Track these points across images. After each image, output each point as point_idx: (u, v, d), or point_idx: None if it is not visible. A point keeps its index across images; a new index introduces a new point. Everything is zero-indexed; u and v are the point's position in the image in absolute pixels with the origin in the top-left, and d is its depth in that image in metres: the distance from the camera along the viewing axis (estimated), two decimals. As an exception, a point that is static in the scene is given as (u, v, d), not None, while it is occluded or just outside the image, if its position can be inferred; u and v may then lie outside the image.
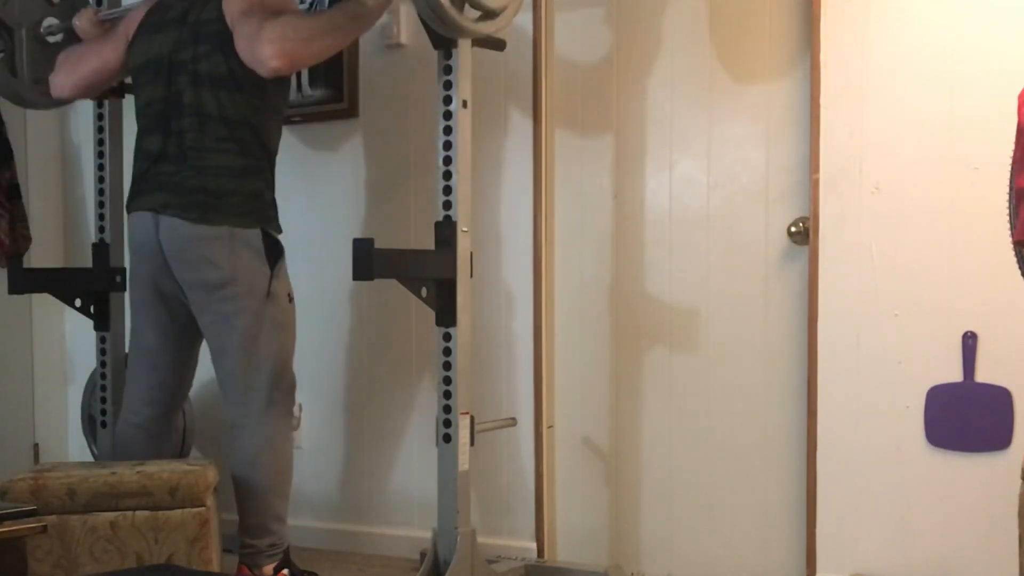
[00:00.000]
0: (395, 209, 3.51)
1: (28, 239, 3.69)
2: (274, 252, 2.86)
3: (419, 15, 2.57)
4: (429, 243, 2.78)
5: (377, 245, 2.52)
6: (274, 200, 2.91)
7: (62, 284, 3.35)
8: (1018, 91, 2.23)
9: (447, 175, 2.74)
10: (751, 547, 3.05)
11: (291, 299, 2.93)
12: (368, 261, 2.51)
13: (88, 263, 3.44)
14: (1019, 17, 2.64)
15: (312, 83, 3.61)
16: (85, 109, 3.64)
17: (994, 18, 2.67)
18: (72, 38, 3.21)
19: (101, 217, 3.42)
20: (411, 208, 3.47)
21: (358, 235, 3.09)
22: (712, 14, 3.06)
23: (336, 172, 3.62)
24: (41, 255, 3.90)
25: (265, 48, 2.62)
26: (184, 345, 2.99)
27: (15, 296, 3.30)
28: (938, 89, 2.72)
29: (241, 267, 2.79)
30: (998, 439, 2.67)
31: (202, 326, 2.89)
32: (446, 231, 2.73)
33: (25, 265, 3.38)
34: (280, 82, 2.87)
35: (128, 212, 2.94)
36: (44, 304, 3.86)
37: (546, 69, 3.25)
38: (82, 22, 3.16)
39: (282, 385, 2.89)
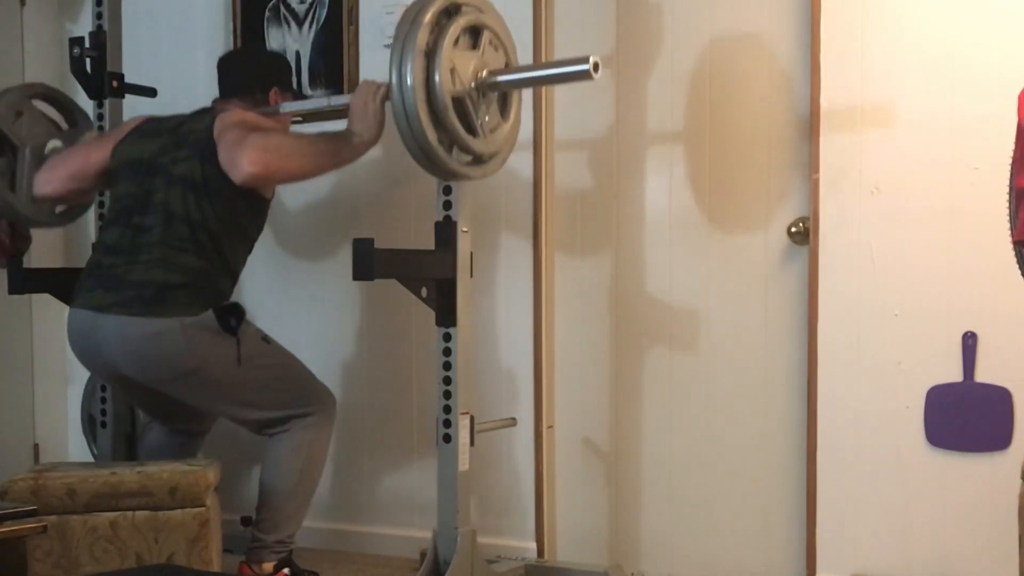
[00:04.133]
0: (395, 209, 3.51)
1: (28, 239, 3.68)
2: (234, 318, 2.79)
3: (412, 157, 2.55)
4: (429, 243, 2.78)
5: (377, 245, 2.52)
6: (225, 297, 2.85)
7: (62, 284, 3.34)
8: (1018, 91, 2.23)
9: (447, 175, 2.74)
10: (751, 547, 3.05)
11: (268, 340, 2.91)
12: (368, 261, 2.51)
13: (88, 263, 3.44)
14: (1019, 17, 2.64)
15: (312, 83, 3.62)
16: (85, 109, 3.63)
17: (994, 18, 2.67)
18: None
19: (101, 217, 3.41)
20: (411, 208, 3.47)
21: (358, 235, 3.09)
22: (712, 15, 3.06)
23: (336, 172, 3.61)
24: (41, 255, 3.90)
25: (245, 153, 2.62)
26: (170, 397, 2.90)
27: (15, 296, 3.30)
28: (938, 89, 2.73)
29: (204, 352, 2.73)
30: (998, 439, 2.67)
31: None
32: (446, 231, 2.73)
33: (25, 265, 3.38)
34: (253, 203, 2.85)
35: (71, 306, 2.88)
36: (44, 304, 3.85)
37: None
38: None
39: (311, 398, 2.93)
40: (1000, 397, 2.67)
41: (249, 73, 3.03)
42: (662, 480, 3.17)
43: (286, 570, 2.95)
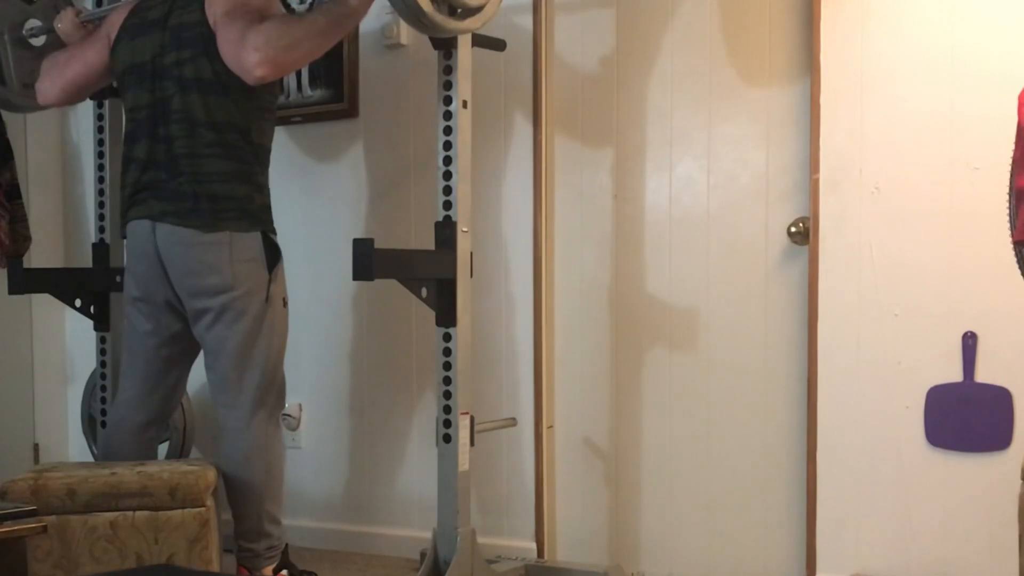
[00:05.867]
0: (395, 209, 3.51)
1: (28, 239, 3.68)
2: (272, 256, 2.84)
3: (400, 16, 2.53)
4: (429, 243, 2.78)
5: (377, 245, 2.52)
6: (268, 203, 2.88)
7: (62, 284, 3.35)
8: (1018, 91, 2.23)
9: (447, 175, 2.74)
10: (751, 547, 3.05)
11: (285, 303, 2.92)
12: (368, 261, 2.50)
13: (88, 263, 3.45)
14: (1019, 17, 2.64)
15: (312, 83, 3.62)
16: (85, 109, 3.64)
17: (994, 18, 2.67)
18: (56, 42, 3.19)
19: (101, 217, 3.42)
20: (411, 208, 3.47)
21: (358, 235, 3.09)
22: (712, 15, 3.06)
23: (336, 172, 3.62)
24: (41, 255, 3.90)
25: (250, 55, 2.60)
26: (175, 355, 2.96)
27: (15, 296, 3.30)
28: (938, 89, 2.73)
29: (241, 273, 2.78)
30: (998, 439, 2.67)
31: (198, 331, 2.86)
32: (446, 231, 2.73)
33: (25, 265, 3.38)
34: (269, 83, 2.83)
35: (125, 221, 2.91)
36: (44, 304, 3.86)
37: (547, 73, 3.25)
38: (64, 24, 3.12)
39: (272, 388, 2.88)
40: (1000, 397, 2.67)
41: None
42: (662, 480, 3.17)
43: (285, 571, 2.95)
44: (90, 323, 3.38)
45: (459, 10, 2.56)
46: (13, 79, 3.14)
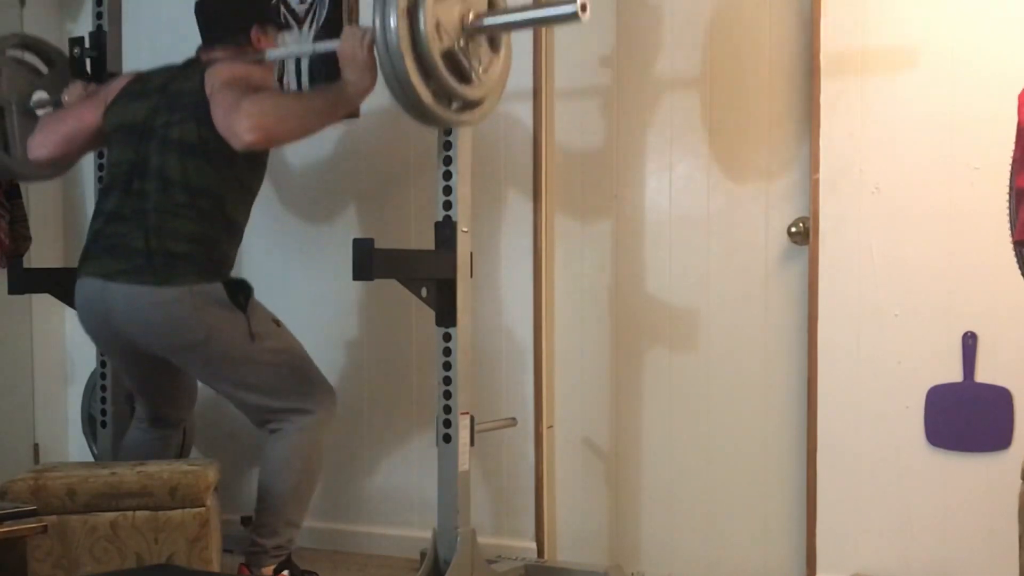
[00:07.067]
0: (395, 209, 3.51)
1: (28, 239, 3.68)
2: (242, 295, 2.79)
3: (401, 106, 2.46)
4: (429, 243, 2.78)
5: (377, 245, 2.52)
6: (228, 269, 2.84)
7: (62, 284, 3.33)
8: (1018, 91, 2.23)
9: (447, 175, 2.74)
10: (751, 547, 3.05)
11: (278, 323, 2.90)
12: (368, 261, 2.50)
13: (88, 263, 3.44)
14: (1019, 18, 2.64)
15: (312, 83, 3.62)
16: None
17: (994, 18, 2.67)
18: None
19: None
20: (411, 208, 3.47)
21: (358, 235, 3.09)
22: (713, 15, 3.06)
23: (336, 172, 3.62)
24: (41, 255, 3.90)
25: (242, 121, 2.58)
26: (172, 372, 2.94)
27: (15, 296, 3.30)
28: (938, 89, 2.73)
29: (212, 320, 2.72)
30: (998, 439, 2.67)
31: (192, 374, 2.88)
32: (446, 231, 2.73)
33: (25, 265, 3.38)
34: (253, 159, 2.83)
35: (77, 275, 2.87)
36: (44, 304, 3.86)
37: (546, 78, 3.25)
38: (71, 97, 3.11)
39: (313, 393, 2.90)
40: (1000, 397, 2.67)
41: (227, 17, 2.96)
42: (662, 480, 3.17)
43: (286, 572, 2.94)
44: (90, 323, 3.37)
45: (459, 104, 2.52)
46: (18, 148, 3.14)
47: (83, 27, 3.71)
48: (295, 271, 3.66)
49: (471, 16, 2.43)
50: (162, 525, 2.60)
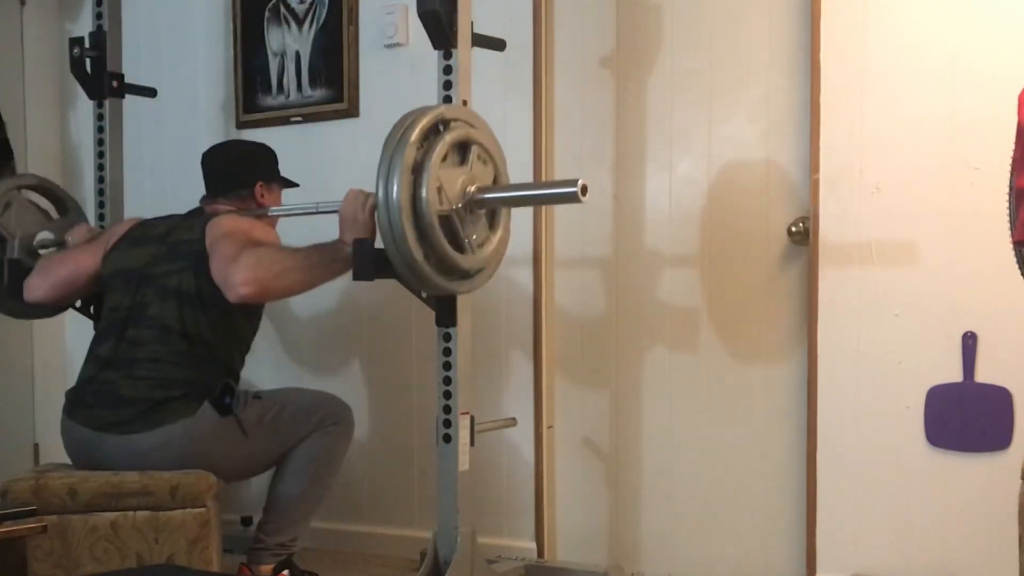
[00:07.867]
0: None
1: (28, 240, 3.68)
2: (227, 399, 2.78)
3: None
4: (429, 243, 2.77)
5: (377, 245, 2.52)
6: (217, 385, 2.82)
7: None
8: (1018, 91, 2.23)
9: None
10: (751, 547, 3.05)
11: (259, 396, 2.90)
12: (368, 261, 2.50)
13: (88, 263, 3.43)
14: (1019, 18, 2.64)
15: (312, 83, 3.62)
16: (85, 109, 3.64)
17: (994, 18, 2.67)
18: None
19: (101, 217, 3.42)
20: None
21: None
22: (713, 15, 3.06)
23: (336, 172, 3.62)
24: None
25: (239, 273, 2.59)
26: None
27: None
28: (938, 89, 2.73)
29: (211, 446, 2.73)
30: (998, 439, 2.68)
31: None
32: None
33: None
34: (248, 312, 2.85)
35: (67, 417, 2.82)
36: (44, 304, 3.85)
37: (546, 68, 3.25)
38: (74, 238, 3.11)
39: (324, 416, 2.94)
40: (1000, 397, 2.67)
41: (232, 171, 3.03)
42: (662, 480, 3.17)
43: (285, 572, 2.95)
44: (90, 324, 3.37)
45: (453, 274, 2.51)
46: (6, 282, 3.12)
47: (83, 27, 3.71)
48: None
49: (473, 188, 2.46)
50: (163, 525, 2.60)
